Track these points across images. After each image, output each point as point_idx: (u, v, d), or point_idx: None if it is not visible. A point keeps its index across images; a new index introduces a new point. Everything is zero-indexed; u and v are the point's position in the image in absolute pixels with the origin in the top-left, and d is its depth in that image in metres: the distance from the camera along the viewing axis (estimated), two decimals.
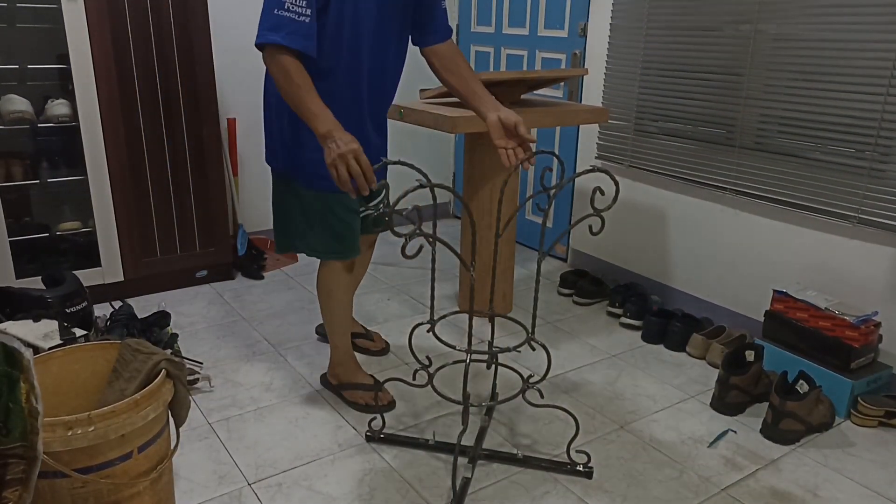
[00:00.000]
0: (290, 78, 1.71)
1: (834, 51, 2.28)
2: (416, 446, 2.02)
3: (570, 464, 1.92)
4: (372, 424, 2.10)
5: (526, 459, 1.95)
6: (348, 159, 1.64)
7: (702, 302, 2.89)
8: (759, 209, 2.61)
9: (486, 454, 1.97)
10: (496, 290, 2.88)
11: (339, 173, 1.65)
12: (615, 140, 3.12)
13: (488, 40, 3.81)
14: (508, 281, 2.91)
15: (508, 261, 2.87)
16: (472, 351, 1.82)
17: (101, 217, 2.80)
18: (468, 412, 1.84)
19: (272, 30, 1.71)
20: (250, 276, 3.26)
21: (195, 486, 1.85)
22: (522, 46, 3.59)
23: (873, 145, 2.23)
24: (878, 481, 1.94)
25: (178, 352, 2.43)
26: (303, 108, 1.72)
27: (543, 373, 1.89)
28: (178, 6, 2.75)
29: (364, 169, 1.65)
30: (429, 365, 1.94)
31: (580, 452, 1.98)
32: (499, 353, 1.91)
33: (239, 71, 3.41)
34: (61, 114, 2.67)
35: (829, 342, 2.27)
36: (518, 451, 1.98)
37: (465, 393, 1.81)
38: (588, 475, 1.91)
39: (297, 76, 1.72)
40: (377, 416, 2.11)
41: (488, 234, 2.77)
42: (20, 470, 1.21)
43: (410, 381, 2.01)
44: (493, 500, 1.81)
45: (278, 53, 1.71)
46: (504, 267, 2.86)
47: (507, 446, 2.04)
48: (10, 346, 1.19)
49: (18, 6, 2.69)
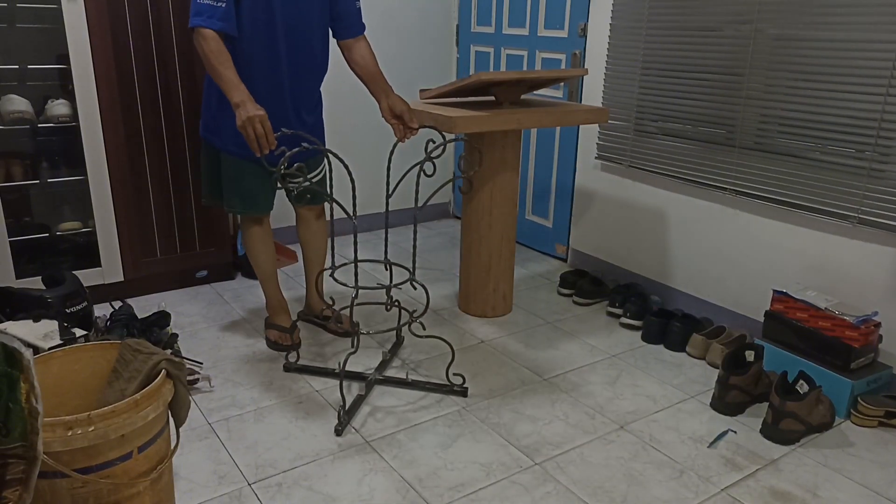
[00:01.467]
0: (212, 54, 2.04)
1: (834, 51, 2.28)
2: (325, 374, 2.41)
3: (449, 385, 2.32)
4: (288, 357, 2.48)
5: (413, 382, 2.35)
6: (255, 123, 1.99)
7: (702, 302, 2.89)
8: (759, 209, 2.61)
9: (381, 379, 2.37)
10: (496, 290, 2.88)
11: (248, 134, 2.00)
12: (615, 140, 3.12)
13: (488, 40, 3.81)
14: (508, 281, 2.91)
15: (508, 260, 2.87)
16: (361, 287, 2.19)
17: (101, 217, 2.80)
18: (358, 338, 2.21)
19: (196, 15, 2.04)
20: (250, 276, 3.26)
21: (195, 486, 1.85)
22: (522, 46, 3.59)
23: (873, 145, 2.23)
24: (878, 481, 1.94)
25: (178, 352, 2.43)
26: (222, 80, 2.05)
27: (423, 309, 2.34)
28: (178, 6, 2.76)
29: (267, 132, 2.01)
30: (332, 304, 2.46)
31: (457, 375, 2.42)
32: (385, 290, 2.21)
33: None
34: (61, 114, 2.67)
35: (829, 342, 2.27)
36: (407, 376, 2.40)
37: (351, 321, 2.24)
38: (463, 394, 2.29)
39: (217, 53, 2.04)
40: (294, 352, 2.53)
41: (489, 234, 2.78)
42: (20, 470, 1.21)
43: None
44: (493, 499, 1.82)
45: (202, 35, 2.04)
46: (504, 267, 2.86)
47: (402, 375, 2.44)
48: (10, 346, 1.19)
49: (18, 6, 2.69)
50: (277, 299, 2.66)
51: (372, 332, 2.33)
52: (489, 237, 2.78)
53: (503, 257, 2.84)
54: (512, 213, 2.80)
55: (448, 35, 4.05)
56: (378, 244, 3.80)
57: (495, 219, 2.76)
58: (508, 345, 2.68)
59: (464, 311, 2.94)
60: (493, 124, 2.45)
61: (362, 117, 3.79)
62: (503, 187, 2.73)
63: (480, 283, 2.86)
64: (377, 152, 3.91)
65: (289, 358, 2.50)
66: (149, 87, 2.79)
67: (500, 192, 2.73)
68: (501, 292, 2.91)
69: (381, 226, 4.06)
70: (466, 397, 2.30)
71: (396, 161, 3.88)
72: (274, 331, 2.61)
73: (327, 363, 2.49)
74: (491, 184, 2.71)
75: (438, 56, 4.05)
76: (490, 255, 2.81)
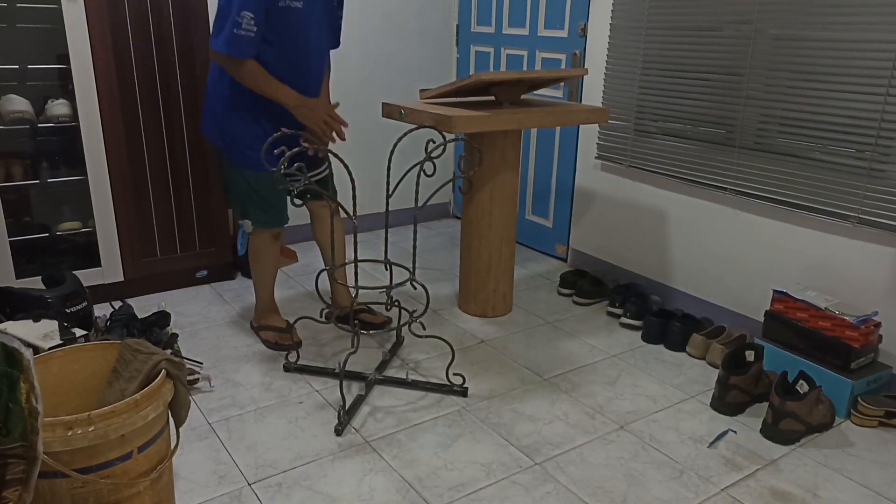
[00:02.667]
0: (258, 78, 2.21)
1: (834, 51, 2.28)
2: (325, 374, 2.42)
3: (449, 385, 2.31)
4: (289, 357, 2.48)
5: (413, 382, 2.35)
6: (324, 116, 2.23)
7: (702, 302, 2.89)
8: (759, 209, 2.61)
9: (381, 379, 2.37)
10: (496, 290, 2.88)
11: (323, 129, 2.22)
12: (615, 140, 3.12)
13: (488, 40, 3.81)
14: (508, 281, 2.91)
15: (508, 260, 2.87)
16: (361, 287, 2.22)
17: (101, 217, 2.80)
18: (358, 338, 2.22)
19: (230, 45, 2.15)
20: (250, 276, 3.26)
21: (195, 486, 1.85)
22: (522, 46, 3.59)
23: (873, 145, 2.23)
24: (878, 481, 1.94)
25: (178, 352, 2.43)
26: (270, 94, 2.23)
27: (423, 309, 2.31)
28: (178, 6, 2.76)
29: (333, 116, 2.22)
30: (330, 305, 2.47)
31: (457, 375, 2.41)
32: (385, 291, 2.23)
33: None
34: (61, 114, 2.67)
35: (829, 342, 2.27)
36: (407, 376, 2.39)
37: (352, 321, 2.24)
38: (463, 394, 2.29)
39: (261, 74, 2.22)
40: (295, 352, 2.52)
41: (489, 234, 2.78)
42: (20, 470, 1.21)
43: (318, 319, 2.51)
44: (493, 499, 1.82)
45: (240, 63, 2.19)
46: (504, 267, 2.86)
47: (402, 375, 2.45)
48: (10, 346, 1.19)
49: (18, 6, 2.68)
50: (271, 302, 2.70)
51: (372, 332, 2.33)
52: (489, 237, 2.78)
53: (503, 257, 2.84)
54: (512, 212, 2.80)
55: (448, 35, 4.05)
56: (378, 244, 3.80)
57: (495, 219, 2.76)
58: (508, 345, 2.68)
59: (463, 311, 2.94)
60: (492, 124, 2.45)
61: (362, 117, 3.79)
62: (503, 187, 2.73)
63: (480, 282, 2.86)
64: (377, 152, 3.90)
65: (289, 358, 2.49)
66: (149, 87, 2.79)
67: (500, 191, 2.73)
68: (501, 292, 2.91)
69: (381, 226, 4.05)
70: (466, 397, 2.30)
71: (396, 161, 3.88)
72: (271, 332, 2.63)
73: (327, 363, 2.49)
74: (491, 183, 2.71)
75: (438, 56, 4.05)
76: (490, 255, 2.81)
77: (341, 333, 2.71)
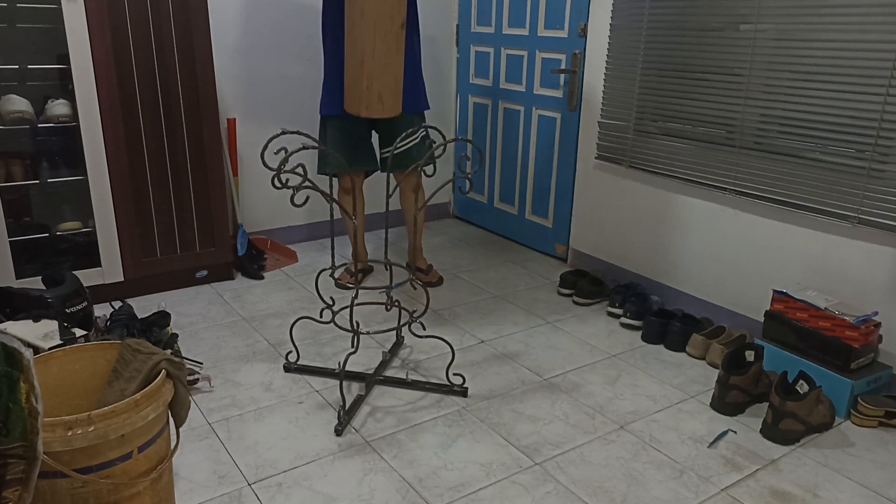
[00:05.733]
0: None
1: (834, 51, 2.28)
2: (325, 374, 2.42)
3: (449, 385, 2.33)
4: (289, 357, 2.50)
5: (413, 382, 2.35)
6: None
7: (702, 302, 2.89)
8: (759, 209, 2.61)
9: (381, 379, 2.38)
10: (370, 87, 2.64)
11: None
12: (615, 140, 3.12)
13: (488, 40, 3.81)
14: (388, 81, 2.68)
15: (384, 57, 2.63)
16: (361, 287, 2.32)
17: (101, 217, 2.80)
18: (358, 338, 2.27)
19: None
20: (250, 276, 3.26)
21: (195, 486, 1.85)
22: (522, 46, 3.59)
23: (873, 145, 2.23)
24: (878, 481, 1.94)
25: (178, 352, 2.43)
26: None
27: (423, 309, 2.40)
28: (178, 6, 2.75)
29: None
30: (332, 304, 2.43)
31: (457, 375, 2.42)
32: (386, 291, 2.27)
33: (239, 71, 3.41)
34: (61, 114, 2.67)
35: (829, 342, 2.27)
36: (407, 376, 2.40)
37: (352, 322, 2.23)
38: (463, 394, 2.30)
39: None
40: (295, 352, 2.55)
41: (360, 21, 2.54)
42: (20, 470, 1.21)
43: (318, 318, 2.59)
44: (493, 499, 1.82)
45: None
46: (379, 64, 2.62)
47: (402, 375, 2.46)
48: (10, 346, 1.19)
49: (18, 6, 2.69)
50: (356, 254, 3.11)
51: (372, 332, 2.33)
52: (361, 24, 2.55)
53: (378, 53, 2.60)
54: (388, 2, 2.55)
55: (448, 35, 4.05)
56: (378, 244, 3.80)
57: (368, 4, 2.53)
58: (508, 345, 2.68)
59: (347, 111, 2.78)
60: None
61: None
62: None
63: (354, 79, 2.65)
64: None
65: (289, 358, 2.50)
66: (149, 87, 2.79)
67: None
68: (376, 91, 2.67)
69: (381, 226, 4.06)
70: (466, 397, 2.30)
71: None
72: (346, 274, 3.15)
73: (327, 363, 2.49)
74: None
75: (438, 56, 4.05)
76: (363, 50, 2.58)
77: (341, 333, 2.71)
